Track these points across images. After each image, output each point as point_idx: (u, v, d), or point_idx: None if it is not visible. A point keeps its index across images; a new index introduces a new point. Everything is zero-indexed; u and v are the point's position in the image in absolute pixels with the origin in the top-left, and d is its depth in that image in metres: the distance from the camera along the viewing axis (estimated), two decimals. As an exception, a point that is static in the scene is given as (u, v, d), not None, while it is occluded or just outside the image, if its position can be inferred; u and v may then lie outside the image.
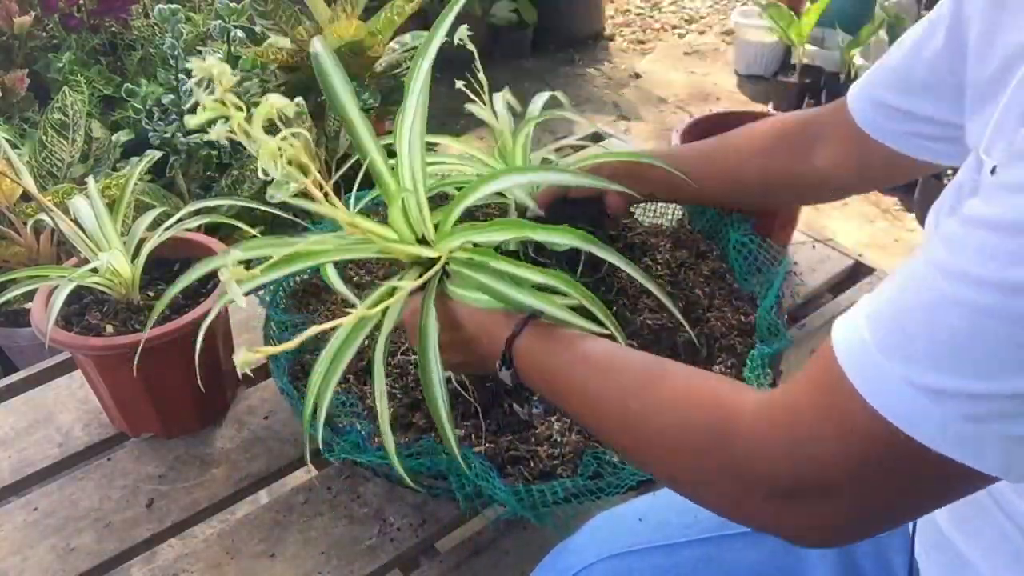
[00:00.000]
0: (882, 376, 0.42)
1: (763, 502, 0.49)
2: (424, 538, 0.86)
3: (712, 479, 0.52)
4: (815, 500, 0.46)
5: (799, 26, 2.79)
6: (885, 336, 0.43)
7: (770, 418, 0.48)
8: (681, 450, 0.53)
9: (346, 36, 1.76)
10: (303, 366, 0.96)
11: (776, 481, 0.47)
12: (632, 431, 0.57)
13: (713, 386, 0.54)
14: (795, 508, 0.47)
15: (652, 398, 0.56)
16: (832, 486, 0.45)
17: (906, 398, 0.41)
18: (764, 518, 0.50)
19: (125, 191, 0.99)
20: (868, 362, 0.43)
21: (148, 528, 0.88)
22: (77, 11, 2.01)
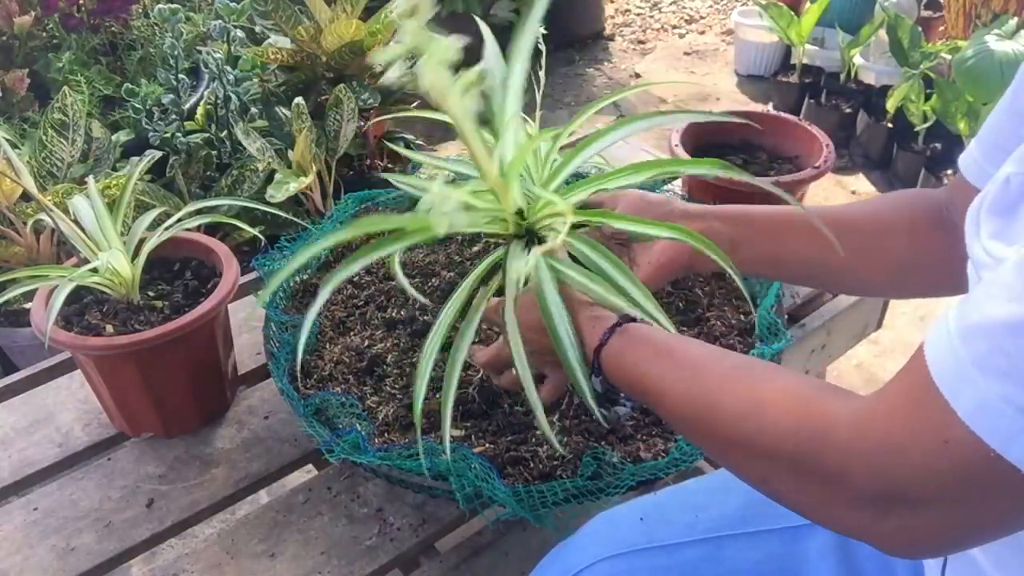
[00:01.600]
0: (978, 394, 0.41)
1: (854, 511, 0.49)
2: (424, 538, 0.86)
3: (805, 486, 0.52)
4: (904, 512, 0.46)
5: (799, 26, 2.79)
6: (981, 352, 0.42)
7: (864, 430, 0.48)
8: (775, 456, 0.53)
9: (346, 36, 1.76)
10: (303, 366, 0.96)
11: (868, 492, 0.47)
12: (724, 435, 0.57)
13: (805, 392, 0.53)
14: (885, 519, 0.48)
15: (744, 402, 0.55)
16: (921, 499, 0.45)
17: (1000, 416, 0.41)
18: (855, 526, 0.50)
19: (125, 191, 0.99)
20: (963, 378, 0.42)
21: (148, 528, 0.88)
22: (77, 11, 2.01)
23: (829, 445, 0.49)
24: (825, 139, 1.23)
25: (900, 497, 0.46)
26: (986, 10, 2.51)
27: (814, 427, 0.50)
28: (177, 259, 1.03)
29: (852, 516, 0.50)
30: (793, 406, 0.52)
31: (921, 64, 2.42)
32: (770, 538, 0.74)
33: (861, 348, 1.35)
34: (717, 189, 1.17)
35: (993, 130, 0.66)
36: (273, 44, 1.87)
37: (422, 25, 0.48)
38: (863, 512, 0.49)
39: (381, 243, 0.68)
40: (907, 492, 0.46)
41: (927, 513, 0.46)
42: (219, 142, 1.75)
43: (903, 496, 0.46)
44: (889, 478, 0.46)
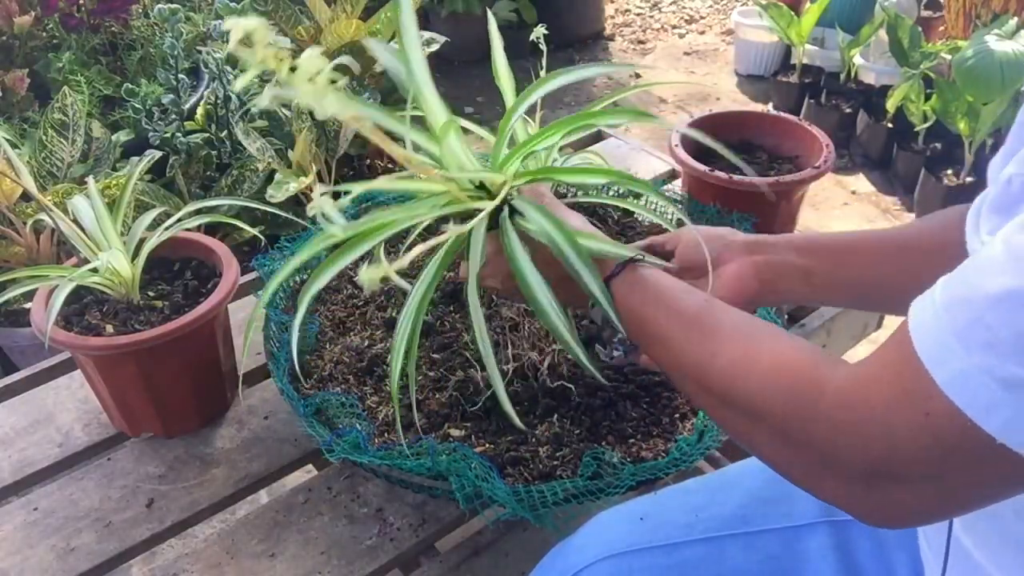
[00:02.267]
0: (958, 364, 0.42)
1: (838, 482, 0.49)
2: (424, 538, 0.86)
3: (790, 452, 0.52)
4: (888, 485, 0.47)
5: (799, 26, 2.79)
6: (964, 325, 0.42)
7: (848, 400, 0.48)
8: (764, 419, 0.53)
9: (346, 36, 1.76)
10: (303, 366, 0.96)
11: (852, 463, 0.48)
12: (716, 390, 0.57)
13: (799, 357, 0.53)
14: (869, 491, 0.48)
15: (739, 361, 0.55)
16: (904, 472, 0.46)
17: (983, 389, 0.41)
18: (837, 496, 0.51)
19: (125, 191, 0.99)
20: (945, 350, 0.43)
21: (148, 528, 0.88)
22: (77, 11, 2.01)
23: (816, 414, 0.49)
24: (825, 139, 1.23)
25: (883, 470, 0.46)
26: (986, 10, 2.51)
27: (802, 394, 0.51)
28: (177, 259, 1.03)
29: (836, 486, 0.50)
30: (785, 371, 0.52)
31: (921, 64, 2.42)
32: (770, 538, 0.74)
33: (861, 348, 1.34)
34: (716, 188, 1.17)
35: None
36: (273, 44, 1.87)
37: (264, 46, 0.47)
38: (847, 483, 0.49)
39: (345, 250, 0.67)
40: (890, 465, 0.46)
41: (910, 485, 0.46)
42: (219, 142, 1.75)
43: (886, 469, 0.46)
44: (872, 450, 0.46)
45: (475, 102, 3.15)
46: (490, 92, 1.01)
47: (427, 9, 3.23)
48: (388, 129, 0.62)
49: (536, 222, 0.66)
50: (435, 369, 0.93)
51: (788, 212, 1.23)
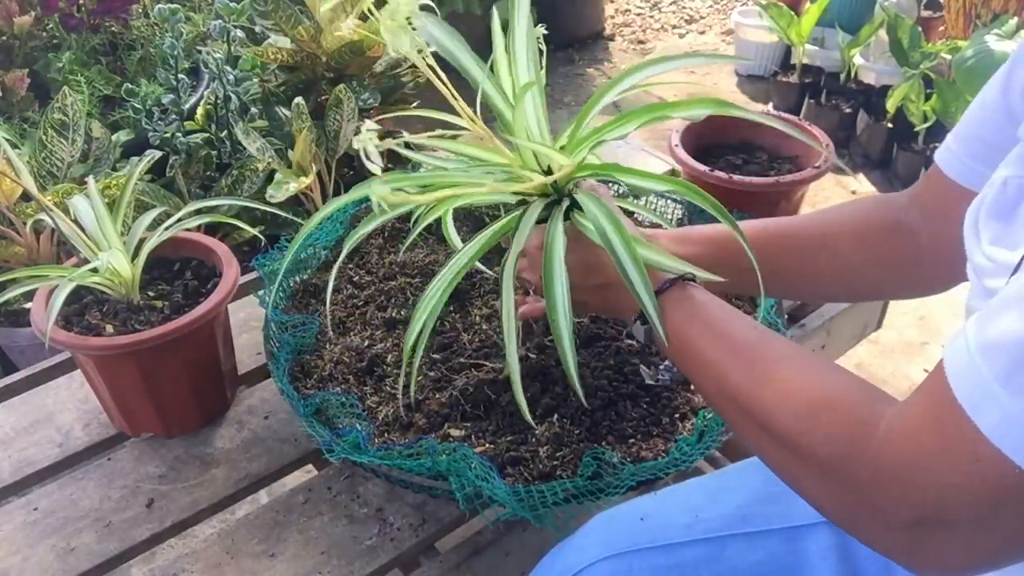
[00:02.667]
0: (1001, 410, 0.41)
1: (885, 528, 0.48)
2: (424, 538, 0.86)
3: (836, 495, 0.52)
4: (937, 532, 0.46)
5: (799, 26, 2.79)
6: (1003, 368, 0.41)
7: (896, 445, 0.47)
8: (808, 456, 0.52)
9: (346, 36, 1.76)
10: (302, 366, 0.96)
11: (899, 510, 0.47)
12: (759, 420, 0.56)
13: (850, 395, 0.52)
14: (916, 538, 0.47)
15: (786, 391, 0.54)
16: (953, 520, 0.45)
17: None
18: (884, 542, 0.50)
19: (125, 191, 0.99)
20: (986, 395, 0.42)
21: (148, 528, 0.88)
22: (77, 11, 2.01)
23: (863, 458, 0.48)
24: (825, 139, 1.23)
25: (932, 518, 0.45)
26: (986, 10, 2.51)
27: (850, 436, 0.49)
28: (177, 259, 1.03)
29: (882, 533, 0.49)
30: (833, 410, 0.51)
31: (921, 64, 2.42)
32: (770, 538, 0.74)
33: (861, 348, 1.35)
34: (716, 188, 1.17)
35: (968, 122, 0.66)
36: (273, 44, 1.87)
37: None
38: (894, 530, 0.48)
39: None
40: (939, 513, 0.45)
41: (960, 533, 0.45)
42: (219, 142, 1.75)
43: (935, 517, 0.45)
44: (919, 498, 0.45)
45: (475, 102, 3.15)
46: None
47: (427, 9, 3.23)
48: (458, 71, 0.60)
49: (595, 219, 0.64)
50: (435, 369, 0.93)
51: (788, 212, 1.23)
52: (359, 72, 1.89)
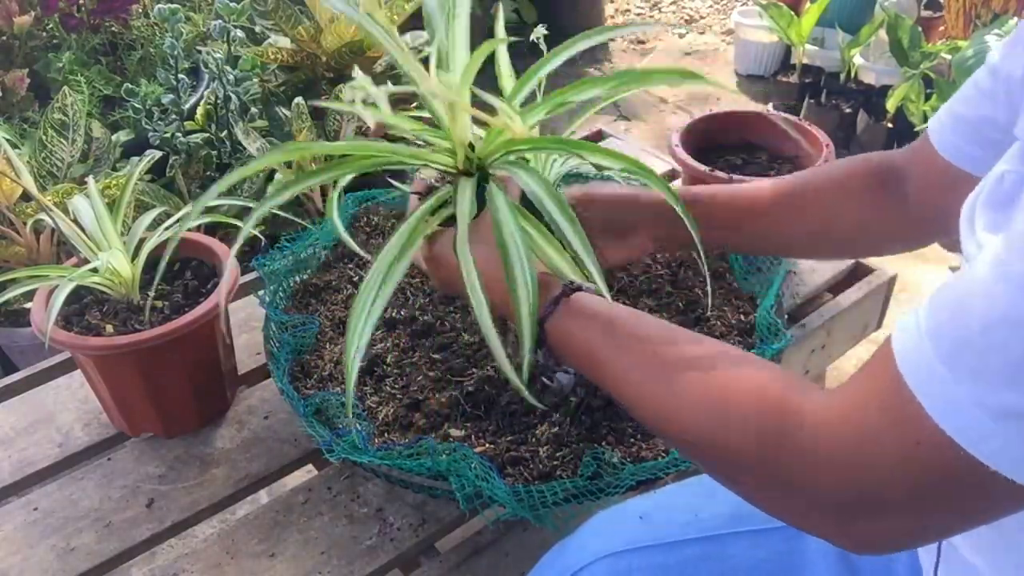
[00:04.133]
0: (948, 392, 0.41)
1: (820, 514, 0.49)
2: (424, 538, 0.86)
3: (768, 488, 0.52)
4: (873, 515, 0.46)
5: (799, 26, 2.79)
6: (951, 351, 0.41)
7: (831, 430, 0.47)
8: (738, 456, 0.52)
9: (346, 36, 1.76)
10: (302, 366, 0.96)
11: (835, 497, 0.47)
12: (686, 429, 0.54)
13: (769, 386, 0.51)
14: (852, 522, 0.47)
15: (706, 396, 0.53)
16: (891, 502, 0.45)
17: (972, 416, 0.40)
18: (820, 528, 0.50)
19: (125, 191, 0.99)
20: (933, 377, 0.42)
21: (148, 528, 0.88)
22: (77, 11, 2.01)
23: (794, 447, 0.48)
24: (825, 139, 1.23)
25: (869, 501, 0.46)
26: (986, 10, 2.51)
27: (778, 428, 0.49)
28: (177, 259, 1.03)
29: (818, 519, 0.49)
30: (758, 405, 0.51)
31: (921, 64, 2.42)
32: (770, 536, 0.74)
33: (861, 348, 1.35)
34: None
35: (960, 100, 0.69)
36: (273, 44, 1.87)
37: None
38: (829, 515, 0.48)
39: (320, 170, 0.62)
40: (877, 496, 0.45)
41: (897, 514, 0.45)
42: (219, 142, 1.75)
43: (872, 499, 0.45)
44: (858, 483, 0.45)
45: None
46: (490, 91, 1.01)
47: (427, 9, 3.23)
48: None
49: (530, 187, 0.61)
50: (435, 369, 0.93)
51: (788, 212, 1.23)
52: (359, 72, 1.89)
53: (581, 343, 0.61)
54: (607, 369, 0.60)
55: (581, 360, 0.62)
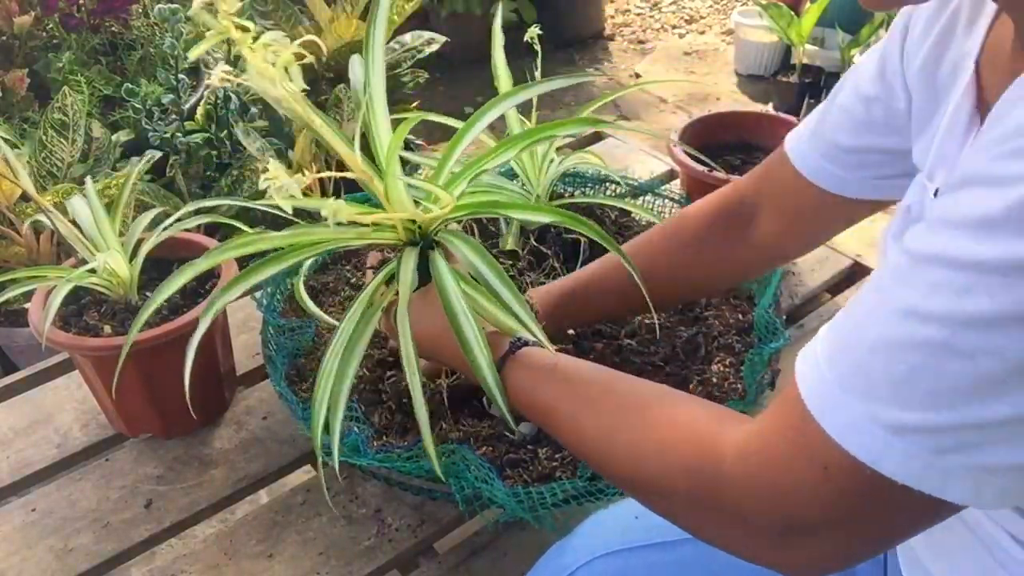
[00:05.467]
0: (846, 414, 0.43)
1: (754, 542, 0.51)
2: (423, 539, 0.86)
3: (704, 522, 0.54)
4: (803, 540, 0.48)
5: (799, 26, 2.79)
6: (845, 374, 0.43)
7: (749, 463, 0.49)
8: (674, 494, 0.54)
9: (346, 36, 1.76)
10: (298, 370, 0.96)
11: (764, 525, 0.49)
12: (623, 473, 0.58)
13: (697, 425, 0.54)
14: (786, 548, 0.49)
15: (639, 440, 0.57)
16: (815, 525, 0.47)
17: (870, 436, 0.42)
18: (758, 556, 0.51)
19: (124, 191, 0.99)
20: (831, 400, 0.44)
21: (147, 528, 0.88)
22: (77, 11, 2.01)
23: (720, 482, 0.50)
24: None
25: (795, 526, 0.47)
26: (986, 10, 2.51)
27: (705, 464, 0.51)
28: (176, 259, 1.03)
29: (753, 547, 0.51)
30: (685, 443, 0.53)
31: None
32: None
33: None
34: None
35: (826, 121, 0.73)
36: (273, 44, 1.87)
37: (232, 14, 0.45)
38: (763, 542, 0.50)
39: (262, 264, 0.66)
40: (801, 520, 0.47)
41: (824, 537, 0.47)
42: (219, 142, 1.75)
43: (798, 525, 0.47)
44: (780, 510, 0.47)
45: (475, 102, 3.15)
46: (490, 92, 1.02)
47: (427, 9, 3.23)
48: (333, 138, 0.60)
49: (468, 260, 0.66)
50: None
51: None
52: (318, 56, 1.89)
53: (529, 393, 0.65)
54: (552, 417, 0.64)
55: (530, 410, 0.66)
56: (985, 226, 0.38)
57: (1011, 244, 0.36)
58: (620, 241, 1.09)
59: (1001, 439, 0.39)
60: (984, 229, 0.38)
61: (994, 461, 0.40)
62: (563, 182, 1.20)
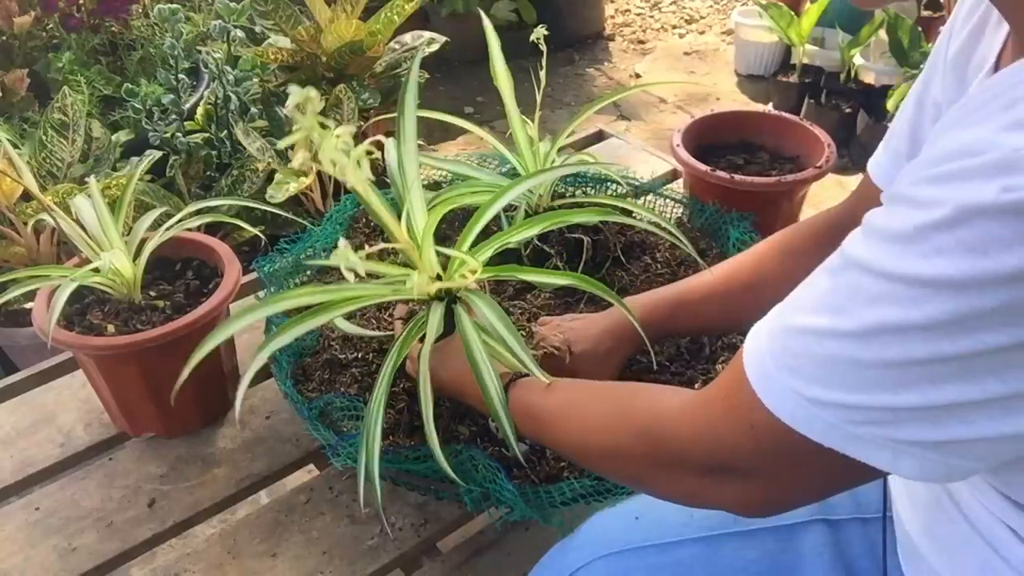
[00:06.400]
0: (776, 385, 0.48)
1: (699, 483, 0.57)
2: (426, 538, 0.86)
3: (662, 473, 0.60)
4: (736, 482, 0.54)
5: (799, 26, 2.79)
6: (777, 352, 0.49)
7: (689, 415, 0.57)
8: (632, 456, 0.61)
9: (346, 36, 1.76)
10: (304, 369, 0.96)
11: (705, 466, 0.56)
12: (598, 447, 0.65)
13: (652, 395, 0.63)
14: (725, 487, 0.55)
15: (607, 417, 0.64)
16: (748, 470, 0.53)
17: (797, 404, 0.47)
18: (701, 495, 0.58)
19: (126, 191, 0.99)
20: (765, 371, 0.49)
21: (149, 528, 0.88)
22: (77, 11, 2.01)
23: (664, 434, 0.58)
24: (826, 139, 1.23)
25: (730, 469, 0.54)
26: (986, 10, 2.51)
27: (657, 422, 0.59)
28: (179, 259, 1.03)
29: (697, 485, 0.57)
30: (643, 411, 0.61)
31: (921, 64, 2.42)
32: (764, 536, 0.74)
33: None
34: (717, 188, 1.17)
35: (894, 134, 0.74)
36: (273, 44, 1.87)
37: (314, 116, 0.55)
38: (705, 483, 0.56)
39: (313, 313, 0.75)
40: (735, 465, 0.53)
41: (758, 481, 0.53)
42: (219, 142, 1.75)
43: (732, 468, 0.54)
44: (716, 455, 0.54)
45: (475, 102, 3.15)
46: (490, 92, 1.03)
47: (427, 9, 3.23)
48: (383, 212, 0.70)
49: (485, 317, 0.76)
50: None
51: (789, 212, 1.23)
52: (359, 72, 1.89)
53: (523, 408, 0.73)
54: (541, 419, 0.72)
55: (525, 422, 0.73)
56: (900, 241, 0.41)
57: (917, 262, 0.40)
58: (623, 243, 1.10)
59: (913, 419, 0.43)
60: (899, 244, 0.41)
61: (907, 436, 0.44)
62: (564, 182, 1.20)
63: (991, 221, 0.38)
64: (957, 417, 0.42)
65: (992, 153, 0.38)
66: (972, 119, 0.43)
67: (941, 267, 0.39)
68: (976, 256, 0.38)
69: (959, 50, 0.62)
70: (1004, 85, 0.43)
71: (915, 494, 0.64)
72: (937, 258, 0.39)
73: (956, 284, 0.39)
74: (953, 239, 0.39)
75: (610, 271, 1.08)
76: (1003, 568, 0.55)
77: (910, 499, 0.65)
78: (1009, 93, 0.42)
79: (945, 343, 0.40)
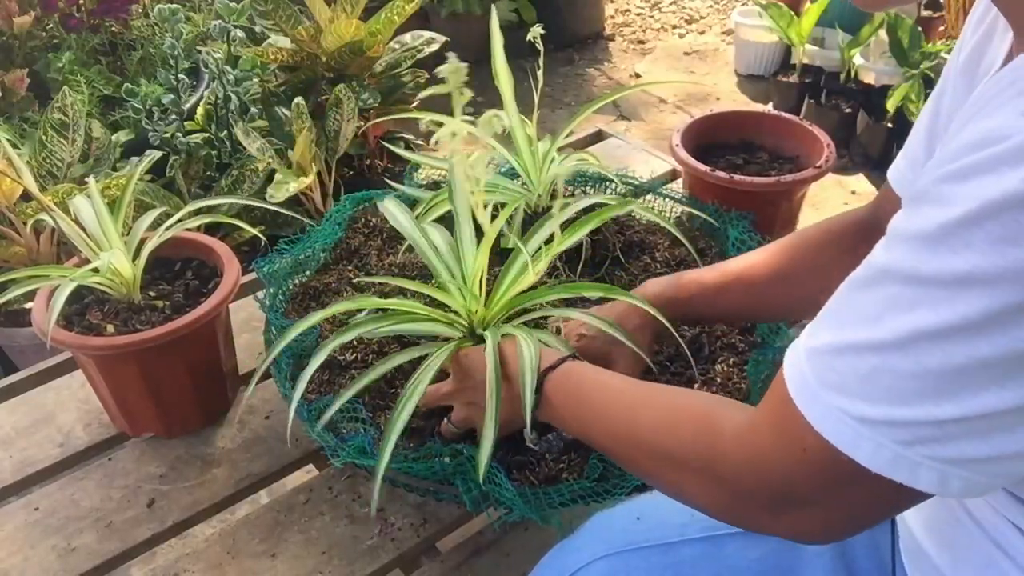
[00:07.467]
0: (822, 406, 0.47)
1: (752, 511, 0.55)
2: (425, 538, 0.86)
3: (709, 491, 0.58)
4: (793, 510, 0.52)
5: (799, 26, 2.79)
6: (821, 371, 0.47)
7: (743, 441, 0.54)
8: (683, 466, 0.59)
9: (346, 36, 1.76)
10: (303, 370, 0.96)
11: (758, 495, 0.54)
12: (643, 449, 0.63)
13: (704, 407, 0.61)
14: (778, 517, 0.53)
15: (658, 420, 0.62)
16: (801, 498, 0.51)
17: (844, 425, 0.46)
18: (758, 525, 0.56)
19: (126, 191, 0.98)
20: (810, 393, 0.48)
21: (149, 528, 0.88)
22: (77, 11, 2.01)
23: (719, 457, 0.56)
24: (826, 139, 1.23)
25: (785, 497, 0.52)
26: (986, 10, 2.51)
27: (707, 440, 0.57)
28: (178, 259, 1.03)
29: (752, 516, 0.56)
30: (694, 421, 0.59)
31: (921, 64, 2.42)
32: (766, 537, 0.74)
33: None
34: (717, 188, 1.17)
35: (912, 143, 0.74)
36: (273, 44, 1.87)
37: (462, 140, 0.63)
38: (760, 512, 0.55)
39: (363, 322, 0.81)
40: (788, 493, 0.52)
41: (811, 509, 0.52)
42: (219, 142, 1.75)
43: (786, 497, 0.52)
44: (770, 483, 0.52)
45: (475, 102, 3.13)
46: (490, 92, 1.02)
47: (427, 9, 3.23)
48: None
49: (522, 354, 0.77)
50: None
51: (789, 212, 1.23)
52: (359, 72, 1.89)
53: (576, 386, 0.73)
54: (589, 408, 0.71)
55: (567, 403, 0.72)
56: (927, 241, 0.41)
57: (946, 259, 0.39)
58: (623, 243, 1.10)
59: (960, 434, 0.42)
60: (926, 244, 0.41)
61: (954, 454, 0.43)
62: (564, 181, 1.20)
63: (1018, 211, 0.37)
64: (999, 427, 0.41)
65: (1015, 138, 0.38)
66: (987, 110, 0.42)
67: (973, 261, 0.38)
68: (1007, 246, 0.37)
69: (969, 56, 0.62)
70: (1015, 74, 0.43)
71: None
72: (967, 252, 0.38)
73: (988, 279, 0.38)
74: (982, 232, 0.38)
75: (610, 271, 1.08)
76: (1008, 565, 0.55)
77: None
78: (1022, 81, 0.41)
79: (983, 344, 0.39)
